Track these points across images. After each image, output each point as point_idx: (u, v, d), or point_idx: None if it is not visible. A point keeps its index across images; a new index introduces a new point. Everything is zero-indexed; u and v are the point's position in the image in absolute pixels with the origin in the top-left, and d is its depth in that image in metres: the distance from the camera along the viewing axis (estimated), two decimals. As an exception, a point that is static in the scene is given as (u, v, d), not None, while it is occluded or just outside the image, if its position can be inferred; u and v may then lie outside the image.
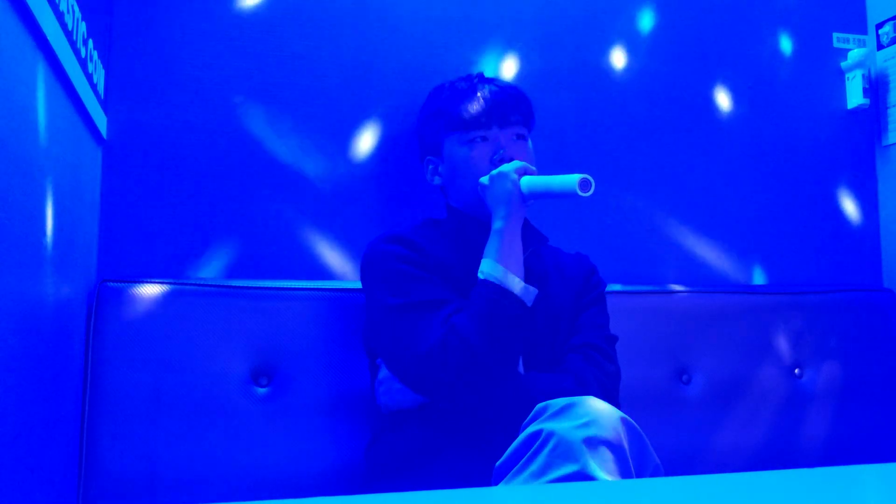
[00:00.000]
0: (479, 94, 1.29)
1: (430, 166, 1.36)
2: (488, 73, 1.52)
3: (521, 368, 1.20)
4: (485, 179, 1.23)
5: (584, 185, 1.11)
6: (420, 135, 1.40)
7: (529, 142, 1.32)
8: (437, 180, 1.36)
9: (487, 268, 1.16)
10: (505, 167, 1.21)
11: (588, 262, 1.37)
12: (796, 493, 0.72)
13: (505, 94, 1.29)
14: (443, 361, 1.10)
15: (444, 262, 1.23)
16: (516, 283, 1.14)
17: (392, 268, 1.20)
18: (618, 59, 1.71)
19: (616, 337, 1.28)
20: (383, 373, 1.23)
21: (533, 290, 1.16)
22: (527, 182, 1.19)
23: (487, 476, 1.01)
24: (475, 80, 1.33)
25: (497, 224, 1.19)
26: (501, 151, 1.26)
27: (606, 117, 1.69)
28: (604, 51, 1.70)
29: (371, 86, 1.54)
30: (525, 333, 1.16)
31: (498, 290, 1.13)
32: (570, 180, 1.12)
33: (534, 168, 1.22)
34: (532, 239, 1.30)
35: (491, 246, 1.18)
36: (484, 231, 1.25)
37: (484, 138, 1.27)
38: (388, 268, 1.20)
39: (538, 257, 1.29)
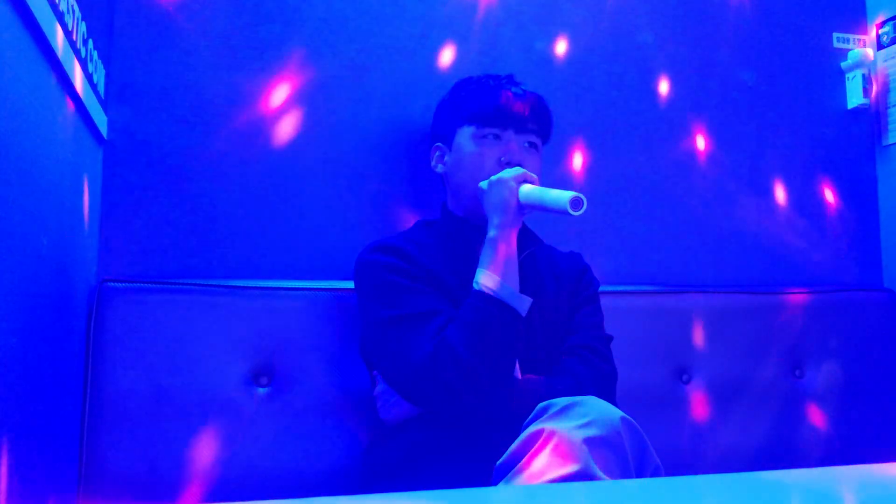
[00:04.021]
0: (502, 94, 1.27)
1: (437, 153, 1.35)
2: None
3: (517, 372, 1.20)
4: (484, 184, 1.22)
5: (575, 203, 1.11)
6: (435, 120, 1.38)
7: (541, 155, 1.31)
8: (440, 168, 1.35)
9: (481, 278, 1.14)
10: (505, 173, 1.20)
11: (581, 261, 1.37)
12: (796, 493, 0.72)
13: (528, 101, 1.28)
14: (434, 374, 1.09)
15: (435, 270, 1.22)
16: (510, 294, 1.13)
17: (382, 279, 1.19)
18: (618, 58, 1.71)
19: (611, 337, 1.28)
20: (381, 386, 1.23)
21: (527, 300, 1.15)
22: (524, 192, 1.17)
23: (486, 479, 1.01)
24: (503, 80, 1.32)
25: (492, 232, 1.18)
26: (509, 155, 1.24)
27: (604, 116, 1.69)
28: (602, 49, 1.70)
29: (371, 86, 1.54)
30: (519, 342, 1.15)
31: (491, 302, 1.12)
32: (563, 197, 1.11)
33: (534, 176, 1.21)
34: (527, 241, 1.29)
35: (485, 255, 1.17)
36: (475, 235, 1.25)
37: (496, 137, 1.26)
38: (378, 279, 1.20)
39: (533, 260, 1.29)
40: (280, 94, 1.49)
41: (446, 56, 1.59)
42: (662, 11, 1.75)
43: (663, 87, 1.73)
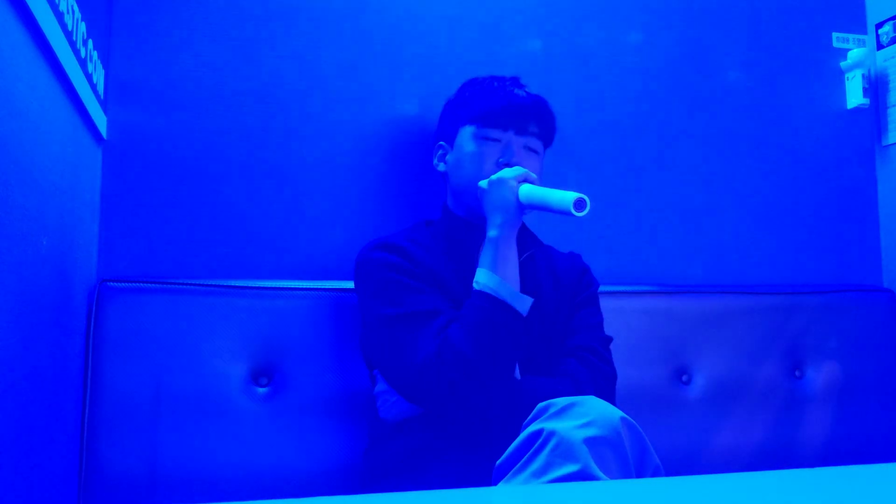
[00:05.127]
0: (505, 96, 1.28)
1: (440, 151, 1.36)
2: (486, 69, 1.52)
3: (517, 373, 1.20)
4: (484, 184, 1.22)
5: (578, 204, 1.11)
6: (440, 119, 1.39)
7: (541, 158, 1.31)
8: (441, 167, 1.35)
9: (482, 278, 1.14)
10: (505, 172, 1.20)
11: (580, 261, 1.37)
12: (796, 493, 0.72)
13: (530, 103, 1.28)
14: (437, 373, 1.09)
15: (435, 269, 1.22)
16: (511, 294, 1.13)
17: (384, 277, 1.19)
18: (617, 58, 1.71)
19: (610, 338, 1.28)
20: (381, 385, 1.23)
21: (528, 300, 1.15)
22: (525, 191, 1.17)
23: (486, 480, 1.01)
24: (507, 82, 1.32)
25: (492, 232, 1.18)
26: (508, 156, 1.25)
27: (605, 116, 1.69)
28: (603, 49, 1.70)
29: (371, 86, 1.54)
30: (521, 342, 1.16)
31: (493, 301, 1.12)
32: (567, 198, 1.11)
33: (534, 176, 1.21)
34: (527, 242, 1.29)
35: (486, 255, 1.17)
36: (475, 235, 1.25)
37: (497, 139, 1.27)
38: (379, 277, 1.20)
39: (532, 261, 1.29)
40: (279, 93, 1.49)
41: (447, 55, 1.59)
42: (662, 11, 1.75)
43: (663, 86, 1.73)
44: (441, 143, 1.36)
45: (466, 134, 1.29)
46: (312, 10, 1.53)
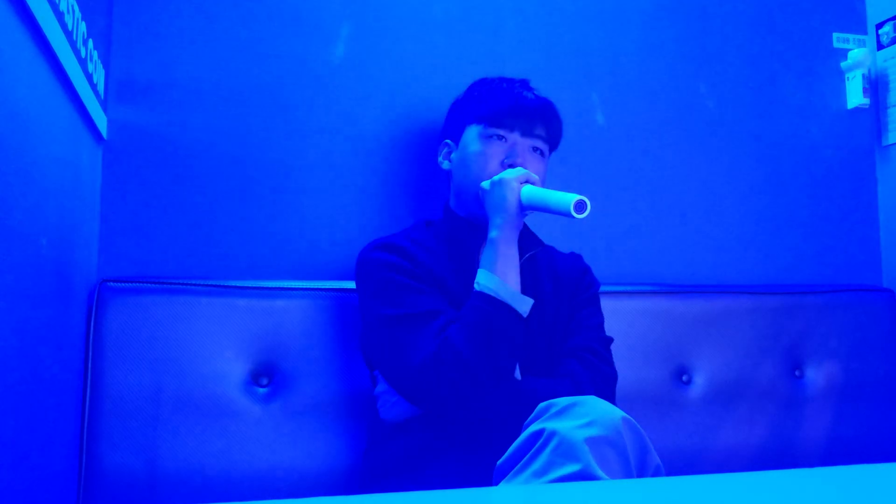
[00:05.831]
0: (512, 97, 1.28)
1: (445, 149, 1.36)
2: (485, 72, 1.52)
3: (517, 374, 1.20)
4: (486, 184, 1.22)
5: (579, 206, 1.11)
6: (447, 117, 1.39)
7: (546, 161, 1.31)
8: (446, 164, 1.35)
9: (483, 279, 1.14)
10: (507, 173, 1.20)
11: (581, 262, 1.37)
12: (796, 493, 0.72)
13: (538, 105, 1.28)
14: (436, 374, 1.09)
15: (436, 270, 1.22)
16: (512, 295, 1.13)
17: (384, 277, 1.19)
18: (617, 58, 1.71)
19: (611, 338, 1.28)
20: (381, 386, 1.23)
21: (528, 301, 1.15)
22: (526, 192, 1.18)
23: (487, 480, 1.01)
24: (516, 84, 1.32)
25: (493, 233, 1.18)
26: (513, 157, 1.25)
27: (606, 116, 1.69)
28: (603, 49, 1.70)
29: (372, 86, 1.54)
30: (521, 343, 1.15)
31: (493, 302, 1.12)
32: (567, 200, 1.12)
33: (536, 178, 1.21)
34: (528, 243, 1.29)
35: (487, 256, 1.17)
36: (476, 235, 1.25)
37: (502, 138, 1.27)
38: (379, 277, 1.20)
39: (533, 262, 1.29)
40: (280, 92, 1.49)
41: (448, 54, 1.59)
42: (663, 12, 1.75)
43: (663, 86, 1.73)
44: (447, 140, 1.36)
45: (472, 133, 1.29)
46: (313, 9, 1.53)
